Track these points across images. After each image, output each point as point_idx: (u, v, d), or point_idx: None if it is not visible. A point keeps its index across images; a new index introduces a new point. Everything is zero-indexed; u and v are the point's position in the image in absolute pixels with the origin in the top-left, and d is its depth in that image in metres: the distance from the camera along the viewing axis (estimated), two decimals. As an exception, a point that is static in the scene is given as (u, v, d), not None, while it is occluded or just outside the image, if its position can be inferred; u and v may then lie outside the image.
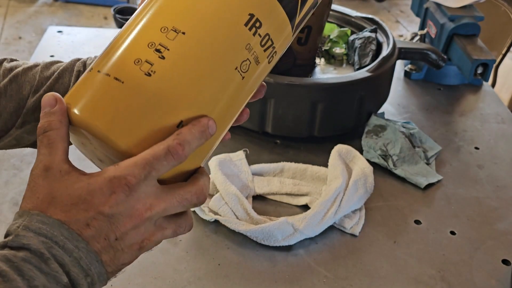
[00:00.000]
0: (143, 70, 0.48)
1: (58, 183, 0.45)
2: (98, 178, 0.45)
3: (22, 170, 0.98)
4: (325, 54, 1.21)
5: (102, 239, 0.45)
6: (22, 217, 0.45)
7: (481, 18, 1.29)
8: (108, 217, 0.45)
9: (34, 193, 0.46)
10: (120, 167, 0.46)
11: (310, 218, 0.87)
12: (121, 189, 0.45)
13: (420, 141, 1.11)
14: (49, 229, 0.44)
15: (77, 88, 0.50)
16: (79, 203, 0.45)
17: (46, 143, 0.47)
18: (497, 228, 0.94)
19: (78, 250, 0.44)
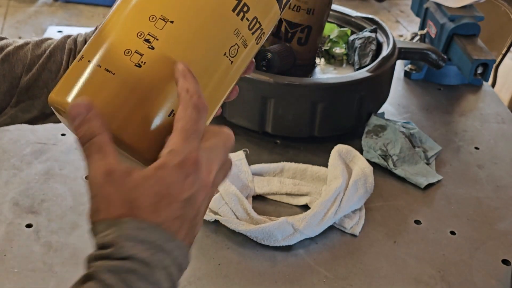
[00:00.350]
0: (133, 61, 0.48)
1: (128, 186, 0.44)
2: (165, 169, 0.44)
3: (22, 170, 0.98)
4: (325, 54, 1.21)
5: (187, 225, 0.45)
6: (112, 227, 0.43)
7: (481, 18, 1.29)
8: (189, 201, 0.45)
9: (109, 202, 0.44)
10: (175, 149, 0.45)
11: (310, 218, 0.87)
12: (192, 169, 0.45)
13: (420, 141, 1.11)
14: (148, 234, 0.43)
15: (69, 77, 0.50)
16: (161, 200, 0.44)
17: (96, 149, 0.45)
18: (497, 228, 0.94)
19: (174, 250, 0.44)
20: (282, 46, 1.10)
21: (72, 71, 0.51)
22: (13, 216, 0.88)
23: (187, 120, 0.46)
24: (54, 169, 0.99)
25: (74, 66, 0.51)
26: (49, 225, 0.87)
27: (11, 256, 0.82)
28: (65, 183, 0.96)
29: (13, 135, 1.07)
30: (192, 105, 0.46)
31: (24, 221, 0.88)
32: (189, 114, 0.46)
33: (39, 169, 0.98)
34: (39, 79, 0.64)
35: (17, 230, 0.86)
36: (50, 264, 0.81)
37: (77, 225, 0.88)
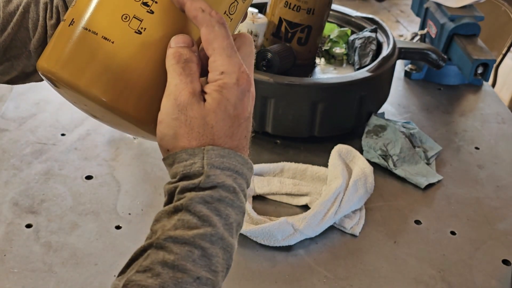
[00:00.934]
0: (132, 27, 0.46)
1: (206, 110, 0.45)
2: (227, 90, 0.45)
3: (22, 170, 0.98)
4: (325, 54, 1.21)
5: (249, 138, 0.48)
6: (197, 156, 0.44)
7: (481, 18, 1.29)
8: (250, 116, 0.47)
9: (192, 127, 0.45)
10: (227, 70, 0.46)
11: (310, 218, 0.87)
12: (246, 84, 0.46)
13: (420, 141, 1.11)
14: (230, 161, 0.45)
15: (62, 44, 0.48)
16: (233, 122, 0.45)
17: (188, 72, 0.46)
18: (497, 228, 0.94)
19: (247, 171, 0.46)
20: (282, 46, 1.10)
21: (63, 37, 0.48)
22: (13, 216, 0.88)
23: (221, 39, 0.46)
24: (54, 169, 0.99)
25: (65, 32, 0.48)
26: (49, 225, 0.87)
27: (11, 256, 0.82)
28: (64, 183, 0.96)
29: (13, 135, 1.07)
30: (217, 22, 0.46)
31: (24, 221, 0.88)
32: (219, 32, 0.46)
33: (38, 169, 0.98)
34: (16, 39, 0.60)
35: (17, 230, 0.86)
36: (49, 264, 0.81)
37: (77, 225, 0.88)
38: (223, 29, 0.46)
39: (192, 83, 0.46)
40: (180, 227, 0.43)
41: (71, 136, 1.07)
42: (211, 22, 0.45)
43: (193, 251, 0.42)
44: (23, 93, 1.19)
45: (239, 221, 0.46)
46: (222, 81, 0.45)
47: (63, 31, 0.48)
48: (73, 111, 1.13)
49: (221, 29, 0.45)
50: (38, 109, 1.14)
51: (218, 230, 0.43)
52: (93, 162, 1.01)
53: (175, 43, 0.47)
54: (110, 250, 0.84)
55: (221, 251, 0.44)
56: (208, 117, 0.45)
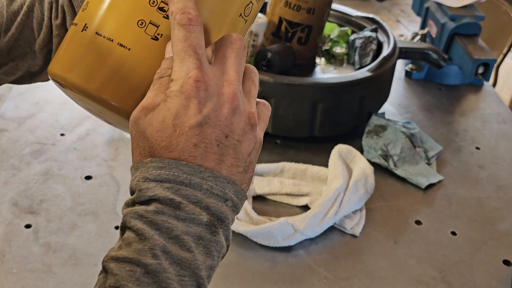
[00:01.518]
0: (149, 33, 0.44)
1: (145, 125, 0.43)
2: (169, 99, 0.42)
3: (21, 170, 0.98)
4: (326, 54, 1.21)
5: (216, 148, 0.43)
6: (138, 170, 0.43)
7: (482, 18, 1.29)
8: (205, 123, 0.42)
9: (138, 142, 0.43)
10: (173, 76, 0.42)
11: (310, 218, 0.86)
12: (194, 89, 0.42)
13: (420, 141, 1.10)
14: (168, 172, 0.41)
15: (74, 50, 0.46)
16: (172, 132, 0.42)
17: (158, 86, 0.44)
18: (498, 228, 0.94)
19: (205, 181, 0.42)
20: (282, 46, 1.10)
21: (76, 43, 0.46)
22: (12, 217, 0.88)
23: (176, 42, 0.43)
24: (53, 169, 0.98)
25: (78, 37, 0.46)
26: (48, 225, 0.87)
27: (10, 256, 0.81)
28: (64, 183, 0.95)
29: (12, 135, 1.06)
30: (177, 23, 0.43)
31: (23, 222, 0.87)
32: (177, 35, 0.43)
33: (38, 169, 0.98)
34: (20, 39, 0.59)
35: (16, 230, 0.86)
36: (49, 264, 0.80)
37: (76, 225, 0.87)
38: (182, 31, 0.42)
39: (153, 97, 0.43)
40: (124, 246, 0.40)
41: (71, 136, 1.07)
42: (173, 24, 0.43)
43: (135, 269, 0.39)
44: (23, 93, 1.18)
45: (196, 234, 0.41)
46: (169, 89, 0.42)
47: (75, 37, 0.47)
48: (73, 111, 1.13)
49: (179, 31, 0.42)
50: (37, 109, 1.14)
51: (157, 243, 0.40)
52: (92, 162, 1.01)
53: (165, 53, 0.45)
54: (109, 250, 0.83)
55: (172, 266, 0.40)
56: (147, 130, 0.42)
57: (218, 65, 0.44)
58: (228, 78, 0.44)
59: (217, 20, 0.47)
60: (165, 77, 0.43)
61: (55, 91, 1.24)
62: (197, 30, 0.43)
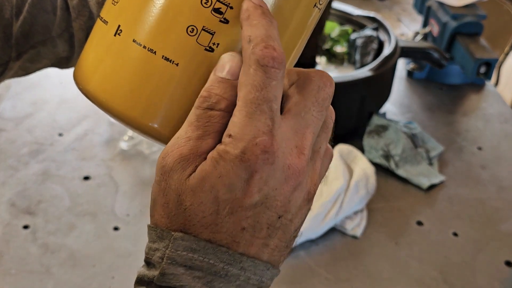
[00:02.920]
0: (201, 43, 0.35)
1: (185, 184, 0.33)
2: (226, 165, 0.32)
3: (19, 171, 0.97)
4: (326, 53, 1.20)
5: (265, 231, 0.34)
6: (161, 241, 0.34)
7: (484, 17, 1.28)
8: (260, 203, 0.33)
9: (168, 200, 0.34)
10: (235, 134, 0.33)
11: (311, 219, 0.86)
12: (259, 160, 0.32)
13: (422, 141, 1.10)
14: (203, 258, 0.33)
15: (102, 60, 0.37)
16: (221, 209, 0.33)
17: (202, 123, 0.33)
18: (500, 229, 0.93)
19: (244, 271, 0.34)
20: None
21: (107, 51, 0.37)
22: (10, 217, 0.87)
23: (249, 88, 0.32)
24: (51, 169, 0.98)
25: (109, 42, 0.37)
26: (46, 226, 0.86)
27: (8, 257, 0.81)
28: (62, 183, 0.95)
29: (10, 135, 1.06)
30: (255, 60, 0.32)
31: (21, 222, 0.87)
32: (252, 77, 0.32)
33: (36, 169, 0.98)
34: (36, 23, 0.52)
35: (14, 231, 0.85)
36: (47, 265, 0.80)
37: (74, 226, 0.87)
38: (260, 74, 0.32)
39: (198, 140, 0.33)
40: None
41: (69, 136, 1.06)
42: (250, 60, 0.33)
43: None
44: (20, 93, 1.18)
45: None
46: (224, 148, 0.33)
47: (106, 41, 0.37)
48: (71, 111, 1.13)
49: (256, 73, 0.32)
50: (35, 108, 1.14)
51: None
52: (90, 162, 1.00)
53: (219, 70, 0.34)
54: (108, 251, 0.83)
55: None
56: (184, 194, 0.33)
57: (293, 120, 0.34)
58: (300, 143, 0.34)
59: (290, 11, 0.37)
60: (216, 111, 0.34)
61: (53, 90, 1.23)
62: (279, 77, 0.33)
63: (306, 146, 0.34)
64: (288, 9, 0.36)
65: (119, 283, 0.77)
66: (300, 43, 0.39)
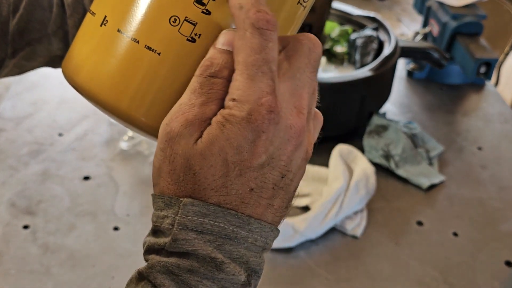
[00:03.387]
0: (183, 33, 0.35)
1: (193, 149, 0.34)
2: (233, 128, 0.33)
3: (19, 171, 0.97)
4: (326, 53, 1.20)
5: (270, 192, 0.35)
6: (170, 208, 0.34)
7: (484, 17, 1.28)
8: (267, 163, 0.34)
9: (175, 167, 0.34)
10: (239, 97, 0.33)
11: (311, 219, 0.86)
12: (265, 121, 0.33)
13: (422, 141, 1.10)
14: (213, 221, 0.34)
15: (89, 49, 0.38)
16: (229, 171, 0.33)
17: (206, 90, 0.34)
18: (500, 229, 0.93)
19: (252, 233, 0.35)
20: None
21: (93, 41, 0.38)
22: (10, 217, 0.87)
23: (248, 51, 0.33)
24: (51, 169, 0.98)
25: (95, 33, 0.38)
26: (46, 226, 0.86)
27: (8, 257, 0.81)
28: (62, 183, 0.95)
29: (10, 135, 1.06)
30: (250, 24, 0.33)
31: (21, 222, 0.87)
32: (249, 40, 0.33)
33: (36, 169, 0.97)
34: (32, 20, 0.52)
35: (14, 231, 0.85)
36: (47, 265, 0.80)
37: (74, 226, 0.87)
38: (257, 37, 0.33)
39: (202, 106, 0.34)
40: None
41: (69, 136, 1.06)
42: (244, 24, 0.33)
43: None
44: (20, 93, 1.18)
45: None
46: (229, 111, 0.33)
47: (92, 32, 0.38)
48: (71, 111, 1.13)
49: (253, 36, 0.33)
50: (35, 109, 1.13)
51: None
52: (90, 162, 1.00)
53: (218, 43, 0.35)
54: (108, 251, 0.83)
55: None
56: (193, 159, 0.34)
57: (290, 81, 0.35)
58: (299, 104, 0.35)
59: (273, 3, 0.37)
60: (219, 78, 0.34)
61: (53, 90, 1.23)
62: (274, 39, 0.34)
63: (304, 106, 0.35)
64: (273, 4, 0.37)
65: (119, 283, 0.77)
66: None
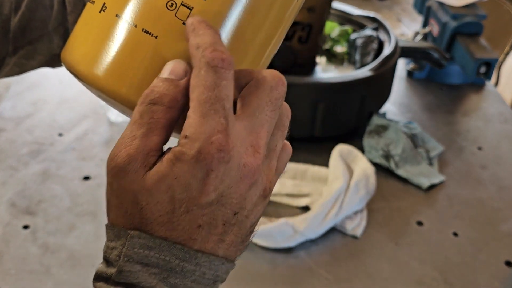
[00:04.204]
0: (180, 17, 0.36)
1: (141, 186, 0.34)
2: (180, 164, 0.33)
3: (19, 171, 0.97)
4: (326, 53, 1.20)
5: (220, 228, 0.35)
6: (118, 240, 0.35)
7: (484, 17, 1.28)
8: (217, 201, 0.34)
9: (122, 201, 0.35)
10: (190, 135, 0.33)
11: (310, 219, 0.86)
12: (215, 159, 0.33)
13: (422, 141, 1.10)
14: (159, 255, 0.34)
15: (89, 35, 0.39)
16: (176, 207, 0.34)
17: (146, 120, 0.34)
18: (500, 229, 0.93)
19: (200, 267, 0.35)
20: (282, 45, 1.08)
21: (93, 27, 0.39)
22: (10, 217, 0.87)
23: (201, 88, 0.33)
24: (51, 169, 0.98)
25: (95, 19, 0.39)
26: (46, 226, 0.86)
27: (8, 257, 0.81)
28: (62, 183, 0.95)
29: (10, 135, 1.06)
30: (205, 62, 0.34)
31: (21, 222, 0.87)
32: (203, 78, 0.33)
33: (36, 169, 0.97)
34: (34, 19, 0.52)
35: (14, 231, 0.85)
36: (47, 265, 0.80)
37: (75, 226, 0.87)
38: (211, 75, 0.33)
39: (143, 138, 0.34)
40: None
41: (69, 136, 1.06)
42: (200, 62, 0.34)
43: None
44: (20, 93, 1.18)
45: None
46: (180, 149, 0.33)
47: (92, 18, 0.39)
48: (71, 111, 1.13)
49: (207, 74, 0.33)
50: (35, 108, 1.13)
51: None
52: (90, 162, 1.00)
53: (162, 73, 0.36)
54: (108, 251, 0.83)
55: None
56: (140, 194, 0.34)
57: (247, 120, 0.35)
58: (255, 143, 0.35)
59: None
60: (159, 105, 0.34)
61: (53, 90, 1.23)
62: (229, 77, 0.34)
63: (261, 145, 0.35)
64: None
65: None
66: (280, 31, 0.41)
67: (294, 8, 0.41)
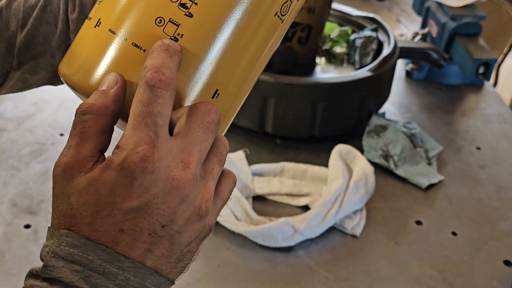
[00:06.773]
0: (167, 33, 0.39)
1: (74, 189, 0.37)
2: (109, 170, 0.36)
3: (20, 171, 0.97)
4: (326, 54, 1.21)
5: (146, 237, 0.37)
6: (53, 238, 0.37)
7: (483, 17, 1.28)
8: (140, 209, 0.36)
9: (58, 204, 0.38)
10: (121, 144, 0.36)
11: (310, 218, 0.86)
12: (139, 172, 0.36)
13: (421, 141, 1.10)
14: (83, 253, 0.36)
15: (84, 49, 0.42)
16: (101, 210, 0.36)
17: (78, 130, 0.38)
18: (498, 228, 0.94)
19: (123, 271, 0.36)
20: (282, 46, 1.09)
21: (87, 41, 0.42)
22: (12, 217, 0.88)
23: (137, 103, 0.37)
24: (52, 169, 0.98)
25: (90, 34, 0.42)
26: (47, 226, 0.87)
27: (9, 257, 0.81)
28: (63, 183, 0.95)
29: (11, 135, 1.06)
30: (144, 82, 0.37)
31: (22, 222, 0.87)
32: (139, 94, 0.37)
33: (37, 169, 0.98)
34: (38, 35, 0.55)
35: (16, 231, 0.86)
36: (48, 265, 0.80)
37: (76, 226, 0.87)
38: (147, 93, 0.36)
39: (77, 147, 0.37)
40: None
41: (70, 136, 1.07)
42: (141, 81, 0.37)
43: None
44: (21, 93, 1.18)
45: None
46: (110, 157, 0.36)
47: (87, 33, 0.42)
48: (72, 111, 1.13)
49: (144, 91, 0.36)
50: (36, 109, 1.14)
51: None
52: (92, 162, 1.00)
53: (100, 86, 0.39)
54: (109, 251, 0.83)
55: None
56: (72, 196, 0.37)
57: (180, 140, 0.38)
58: (186, 159, 0.37)
59: (249, 10, 0.41)
60: (89, 114, 0.38)
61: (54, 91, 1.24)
62: (166, 96, 0.37)
63: (192, 161, 0.37)
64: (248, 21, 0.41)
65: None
66: (267, 50, 0.43)
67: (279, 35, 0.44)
